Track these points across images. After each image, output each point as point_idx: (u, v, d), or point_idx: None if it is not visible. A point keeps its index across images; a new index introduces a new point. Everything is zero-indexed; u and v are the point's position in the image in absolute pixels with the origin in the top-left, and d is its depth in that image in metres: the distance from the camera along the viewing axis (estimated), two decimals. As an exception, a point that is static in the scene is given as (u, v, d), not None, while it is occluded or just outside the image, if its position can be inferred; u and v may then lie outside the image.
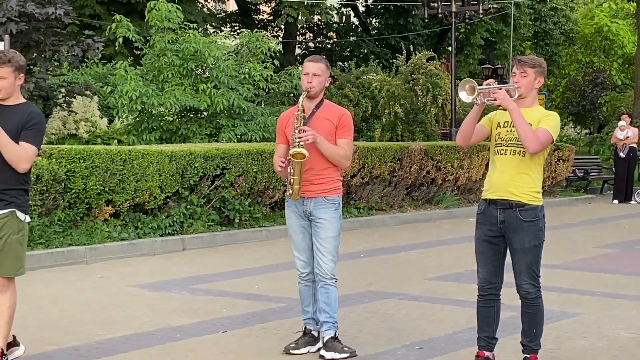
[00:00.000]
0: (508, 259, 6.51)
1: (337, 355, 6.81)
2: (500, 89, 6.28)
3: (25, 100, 6.53)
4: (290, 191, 6.93)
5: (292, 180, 6.88)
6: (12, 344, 6.71)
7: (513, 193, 6.31)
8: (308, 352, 6.98)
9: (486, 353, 6.53)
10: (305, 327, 7.13)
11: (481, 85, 6.41)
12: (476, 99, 6.29)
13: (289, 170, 6.90)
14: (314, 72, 6.95)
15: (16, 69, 6.38)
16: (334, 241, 7.06)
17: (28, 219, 6.51)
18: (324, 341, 6.94)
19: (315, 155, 6.85)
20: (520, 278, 6.41)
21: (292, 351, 6.95)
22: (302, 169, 6.86)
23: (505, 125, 6.39)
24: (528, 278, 6.40)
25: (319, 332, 7.09)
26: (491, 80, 6.49)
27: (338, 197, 7.09)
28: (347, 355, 6.84)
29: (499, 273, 6.49)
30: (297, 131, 6.82)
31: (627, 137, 22.29)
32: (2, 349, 6.48)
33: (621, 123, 22.76)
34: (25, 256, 6.57)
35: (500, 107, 6.29)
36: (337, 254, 7.11)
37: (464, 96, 6.30)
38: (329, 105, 7.14)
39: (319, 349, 7.02)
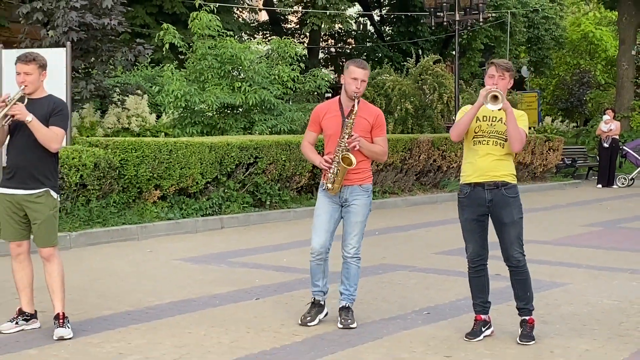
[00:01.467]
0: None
1: (349, 324, 6.82)
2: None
3: (48, 93, 6.68)
4: (330, 186, 6.80)
5: (333, 179, 6.78)
6: (33, 316, 6.79)
7: (497, 175, 6.35)
8: (319, 321, 6.93)
9: (483, 316, 6.55)
10: (314, 298, 7.02)
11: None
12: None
13: (332, 170, 6.77)
14: (362, 79, 6.78)
15: (40, 67, 6.57)
16: (362, 225, 6.97)
17: (59, 197, 6.71)
18: (339, 308, 6.92)
19: (354, 152, 6.76)
20: (511, 249, 6.40)
21: (309, 324, 6.85)
22: (345, 173, 6.78)
23: (485, 119, 6.40)
24: (517, 247, 6.41)
25: (324, 302, 7.06)
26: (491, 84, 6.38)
27: (370, 185, 7.02)
28: (354, 325, 6.80)
29: (485, 246, 6.53)
30: (346, 136, 6.71)
31: (610, 130, 22.16)
32: (63, 312, 6.54)
33: (606, 117, 22.61)
34: (57, 229, 6.79)
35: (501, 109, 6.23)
36: (363, 237, 7.03)
37: (496, 107, 6.19)
38: (365, 105, 6.94)
39: (326, 314, 7.03)
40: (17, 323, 6.68)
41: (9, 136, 6.56)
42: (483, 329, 6.51)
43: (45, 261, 6.62)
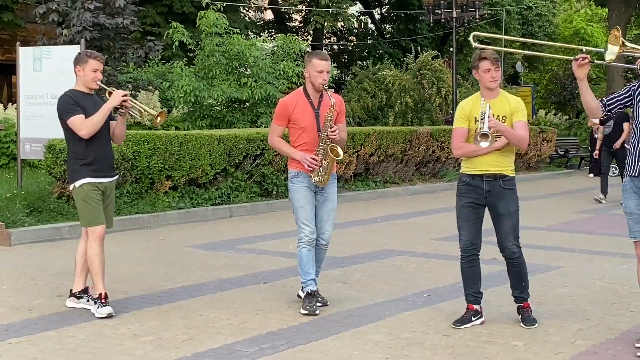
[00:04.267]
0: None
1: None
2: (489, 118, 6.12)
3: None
4: (319, 179, 6.76)
5: (323, 172, 6.75)
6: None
7: (496, 168, 6.29)
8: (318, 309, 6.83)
9: (475, 306, 6.47)
10: (310, 289, 6.83)
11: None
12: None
13: (320, 164, 6.73)
14: (327, 70, 6.77)
15: None
16: (335, 212, 7.07)
17: None
18: (308, 293, 6.86)
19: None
20: (506, 240, 6.33)
21: (316, 312, 6.72)
22: (334, 164, 6.80)
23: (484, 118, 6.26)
24: (513, 239, 6.32)
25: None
26: (488, 111, 6.17)
27: (336, 173, 7.07)
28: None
29: (479, 235, 6.42)
30: (328, 129, 6.70)
31: (602, 121, 22.08)
32: (105, 292, 6.68)
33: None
34: None
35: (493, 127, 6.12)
36: None
37: (484, 144, 6.02)
38: (327, 95, 6.89)
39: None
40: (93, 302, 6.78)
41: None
42: (473, 319, 6.40)
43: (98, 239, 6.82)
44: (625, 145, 14.14)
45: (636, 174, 5.71)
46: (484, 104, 6.20)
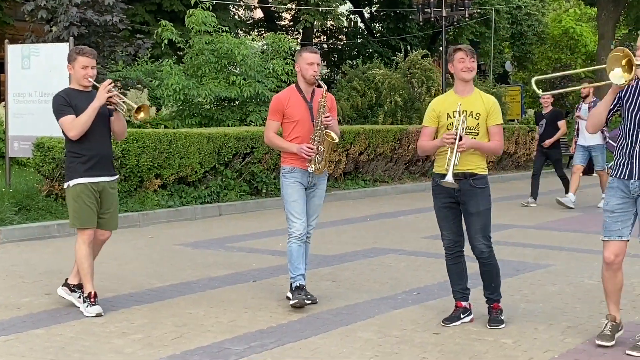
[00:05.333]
0: None
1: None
2: (461, 137, 6.08)
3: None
4: (318, 167, 6.79)
5: (321, 158, 6.78)
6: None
7: (466, 167, 6.24)
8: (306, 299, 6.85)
9: (463, 303, 6.46)
10: (299, 284, 6.84)
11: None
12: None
13: (317, 151, 6.75)
14: (317, 62, 6.85)
15: None
16: (321, 208, 7.14)
17: None
18: (296, 287, 6.89)
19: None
20: (475, 239, 6.29)
21: (306, 302, 6.76)
22: (330, 149, 6.84)
23: (456, 115, 6.20)
24: (482, 238, 6.26)
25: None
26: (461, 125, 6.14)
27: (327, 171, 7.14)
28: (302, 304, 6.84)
29: (461, 232, 6.41)
30: (322, 116, 6.74)
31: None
32: (94, 292, 6.68)
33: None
34: None
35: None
36: None
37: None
38: (319, 89, 6.94)
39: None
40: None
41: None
42: (462, 316, 6.40)
43: (101, 244, 6.89)
44: (611, 142, 14.09)
45: (625, 177, 5.68)
46: (459, 110, 6.14)
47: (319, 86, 6.88)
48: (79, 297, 6.77)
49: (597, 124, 5.87)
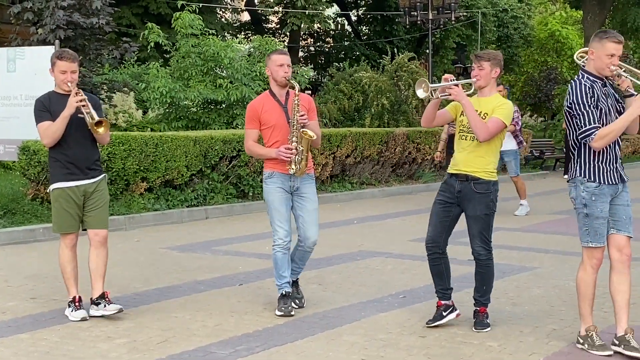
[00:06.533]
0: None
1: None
2: (457, 85, 6.20)
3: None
4: (298, 167, 6.64)
5: (300, 158, 6.64)
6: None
7: (469, 169, 6.29)
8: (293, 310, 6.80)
9: (444, 302, 6.46)
10: (285, 291, 6.78)
11: (439, 81, 6.34)
12: (431, 94, 6.22)
13: (296, 151, 6.62)
14: (287, 63, 6.73)
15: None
16: (318, 212, 6.89)
17: None
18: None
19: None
20: (473, 242, 6.35)
21: (292, 312, 6.70)
22: (309, 146, 6.71)
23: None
24: (480, 242, 6.31)
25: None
26: (449, 76, 6.31)
27: (313, 173, 6.98)
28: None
29: (443, 234, 6.41)
30: (297, 115, 6.61)
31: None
32: (79, 296, 6.64)
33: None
34: None
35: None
36: None
37: (420, 93, 6.17)
38: (292, 91, 6.80)
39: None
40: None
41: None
42: (444, 313, 6.40)
43: (100, 245, 6.72)
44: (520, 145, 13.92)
45: (612, 182, 5.67)
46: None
47: (293, 87, 6.77)
48: (104, 305, 6.63)
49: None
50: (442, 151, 13.80)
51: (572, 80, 5.79)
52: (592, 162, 5.70)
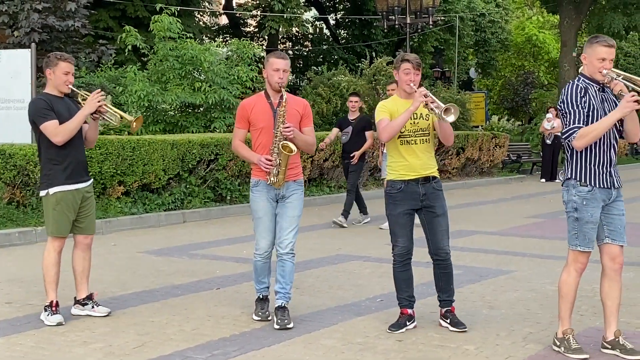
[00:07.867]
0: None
1: (286, 324, 6.45)
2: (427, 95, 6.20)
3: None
4: (274, 179, 6.48)
5: (277, 171, 6.46)
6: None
7: (428, 171, 6.37)
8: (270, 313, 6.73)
9: (409, 310, 6.50)
10: (262, 295, 6.75)
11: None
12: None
13: (275, 164, 6.45)
14: (284, 69, 6.51)
15: None
16: (299, 219, 6.68)
17: None
18: (275, 309, 6.56)
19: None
20: (442, 241, 6.40)
21: (269, 318, 6.64)
22: (288, 161, 6.50)
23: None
24: (447, 239, 6.44)
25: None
26: (424, 89, 6.25)
27: (302, 179, 6.80)
28: (291, 325, 6.44)
29: (412, 240, 6.47)
30: (281, 126, 6.42)
31: (553, 127, 22.27)
32: (56, 301, 6.66)
33: (548, 115, 22.75)
34: None
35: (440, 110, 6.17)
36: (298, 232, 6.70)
37: (452, 119, 6.06)
38: (292, 97, 6.69)
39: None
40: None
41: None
42: (408, 323, 6.43)
43: (87, 248, 6.88)
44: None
45: (604, 186, 5.66)
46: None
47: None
48: (92, 307, 6.72)
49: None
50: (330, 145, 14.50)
51: (569, 81, 5.82)
52: (585, 165, 5.67)
